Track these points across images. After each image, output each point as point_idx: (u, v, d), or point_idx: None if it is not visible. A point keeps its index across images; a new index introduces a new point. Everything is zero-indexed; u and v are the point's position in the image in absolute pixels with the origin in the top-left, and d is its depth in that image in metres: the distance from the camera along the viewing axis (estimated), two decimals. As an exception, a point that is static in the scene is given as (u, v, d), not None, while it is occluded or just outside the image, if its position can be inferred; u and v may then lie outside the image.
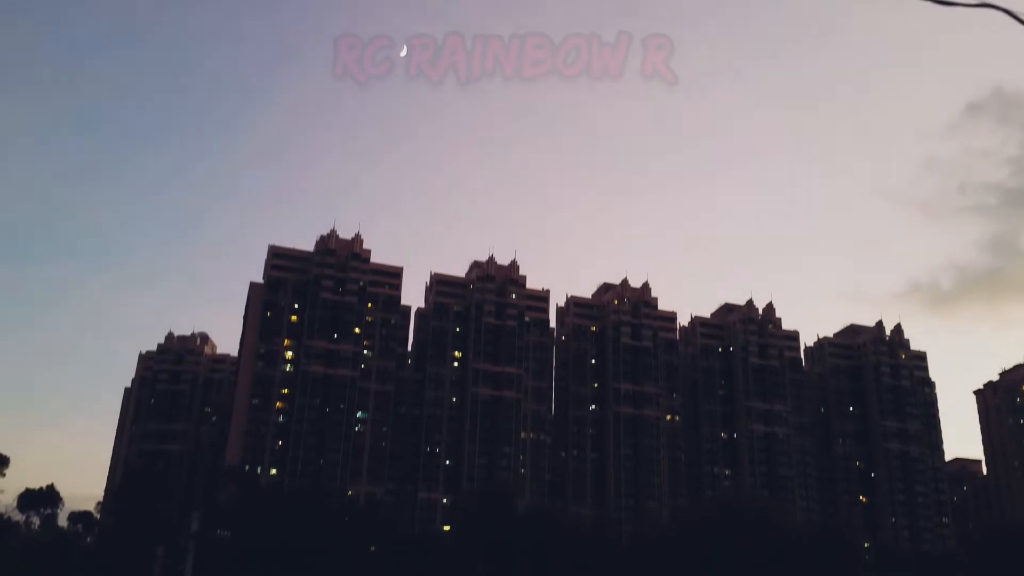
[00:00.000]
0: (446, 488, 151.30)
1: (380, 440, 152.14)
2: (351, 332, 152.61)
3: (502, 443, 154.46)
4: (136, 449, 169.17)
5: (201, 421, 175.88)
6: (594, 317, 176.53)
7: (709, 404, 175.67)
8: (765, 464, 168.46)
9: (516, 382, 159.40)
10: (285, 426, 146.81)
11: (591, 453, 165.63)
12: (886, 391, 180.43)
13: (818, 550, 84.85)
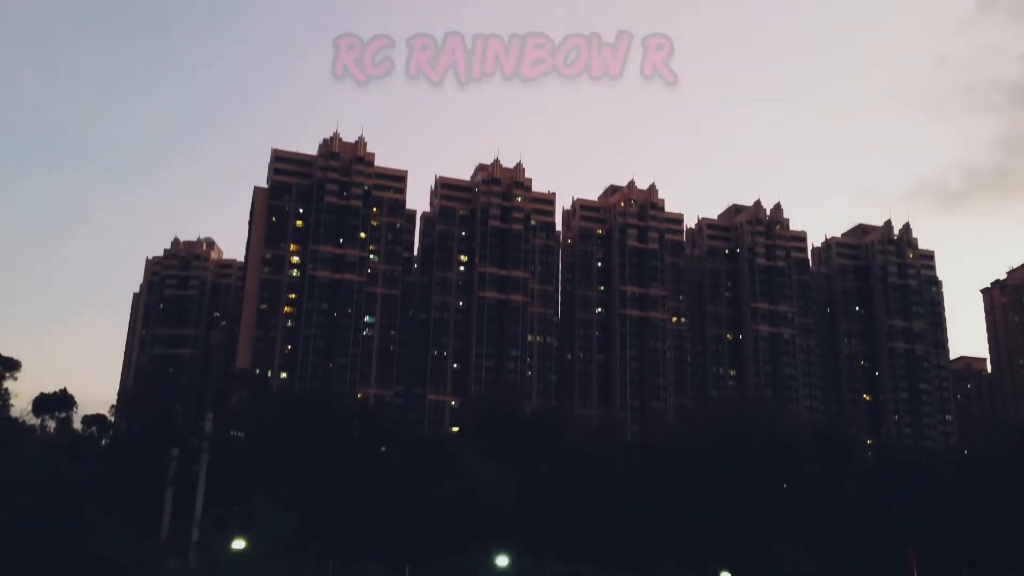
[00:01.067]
0: (454, 391, 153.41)
1: (388, 344, 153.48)
2: (357, 237, 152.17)
3: (509, 346, 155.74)
4: (147, 354, 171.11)
5: (210, 326, 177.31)
6: (600, 220, 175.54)
7: (715, 306, 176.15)
8: (770, 364, 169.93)
9: (522, 286, 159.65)
10: (293, 331, 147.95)
11: (597, 355, 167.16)
12: (893, 290, 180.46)
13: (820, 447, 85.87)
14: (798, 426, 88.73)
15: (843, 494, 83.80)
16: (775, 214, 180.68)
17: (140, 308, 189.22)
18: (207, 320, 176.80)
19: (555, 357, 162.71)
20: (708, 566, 43.40)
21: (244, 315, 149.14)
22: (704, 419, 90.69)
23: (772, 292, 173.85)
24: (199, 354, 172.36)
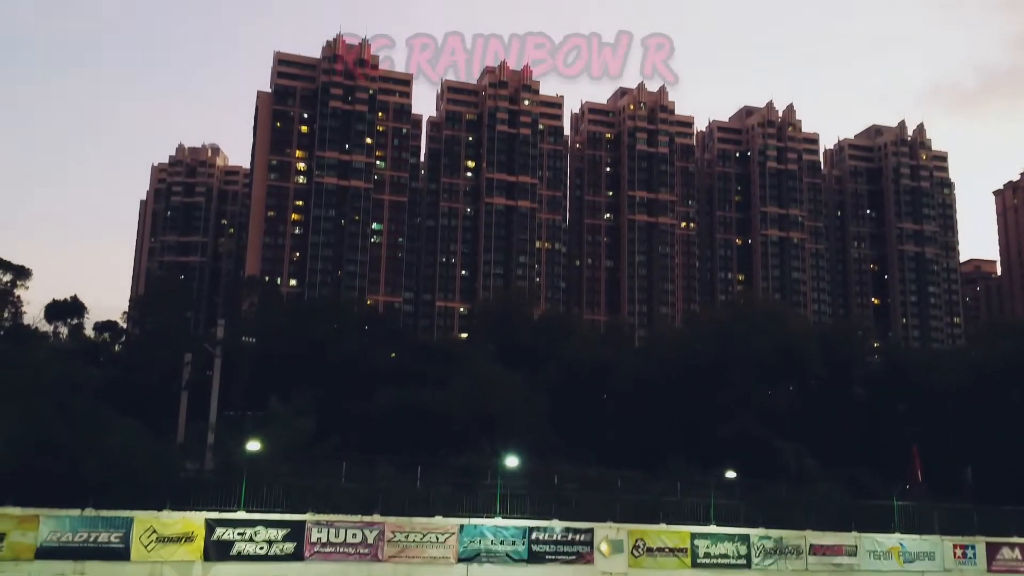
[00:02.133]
0: (463, 297, 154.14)
1: (396, 251, 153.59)
2: (362, 143, 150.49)
3: (517, 253, 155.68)
4: (156, 261, 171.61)
5: (218, 233, 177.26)
6: (609, 124, 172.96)
7: (724, 211, 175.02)
8: (779, 269, 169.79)
9: (530, 192, 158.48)
10: (302, 238, 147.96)
11: (605, 261, 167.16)
12: (905, 193, 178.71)
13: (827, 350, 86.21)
14: (806, 330, 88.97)
15: (849, 396, 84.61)
16: (787, 116, 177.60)
17: (147, 216, 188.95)
18: (215, 227, 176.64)
19: (563, 263, 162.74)
20: (714, 465, 43.99)
21: (252, 222, 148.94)
22: (712, 324, 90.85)
23: (782, 196, 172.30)
24: (208, 261, 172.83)
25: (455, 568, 28.67)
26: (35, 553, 24.37)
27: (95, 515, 25.21)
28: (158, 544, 25.56)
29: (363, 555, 27.83)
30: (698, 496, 36.80)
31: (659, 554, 31.82)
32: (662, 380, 79.56)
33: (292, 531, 27.21)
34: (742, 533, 33.50)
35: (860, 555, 34.64)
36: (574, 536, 30.78)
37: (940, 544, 36.46)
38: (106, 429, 28.40)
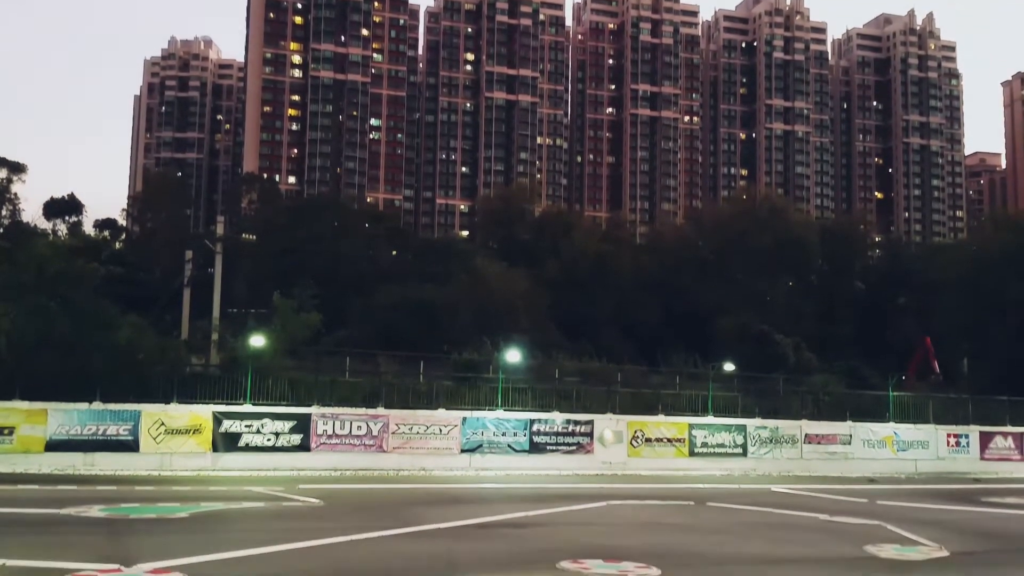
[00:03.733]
0: (463, 194, 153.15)
1: (395, 148, 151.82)
2: (359, 34, 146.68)
3: (518, 149, 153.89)
4: (153, 158, 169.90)
5: (214, 129, 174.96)
6: (612, 13, 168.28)
7: (728, 104, 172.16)
8: (782, 164, 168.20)
9: (531, 85, 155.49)
10: (299, 134, 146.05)
11: (607, 157, 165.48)
12: (912, 84, 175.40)
13: (829, 244, 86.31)
14: (808, 224, 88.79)
15: (849, 289, 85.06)
16: (795, 3, 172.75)
17: (141, 111, 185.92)
18: (211, 123, 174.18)
19: (564, 159, 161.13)
20: (713, 358, 44.51)
21: (248, 118, 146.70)
22: (713, 219, 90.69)
23: (788, 88, 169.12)
24: (205, 158, 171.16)
25: (458, 459, 29.23)
26: (45, 446, 24.80)
27: (103, 408, 25.55)
28: (167, 436, 26.01)
29: (368, 446, 28.36)
30: (696, 389, 37.33)
31: (657, 444, 32.43)
32: (663, 276, 79.93)
33: (298, 423, 27.65)
34: (739, 424, 34.06)
35: (854, 444, 35.31)
36: (575, 428, 31.30)
37: (934, 433, 37.13)
38: (111, 325, 28.49)
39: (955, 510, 20.90)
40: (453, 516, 16.12)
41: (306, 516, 16.48)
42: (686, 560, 12.06)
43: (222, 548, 11.54)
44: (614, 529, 15.81)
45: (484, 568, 11.12)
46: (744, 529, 16.13)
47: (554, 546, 12.70)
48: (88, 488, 20.16)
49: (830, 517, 17.86)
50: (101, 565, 10.15)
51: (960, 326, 63.75)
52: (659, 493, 22.74)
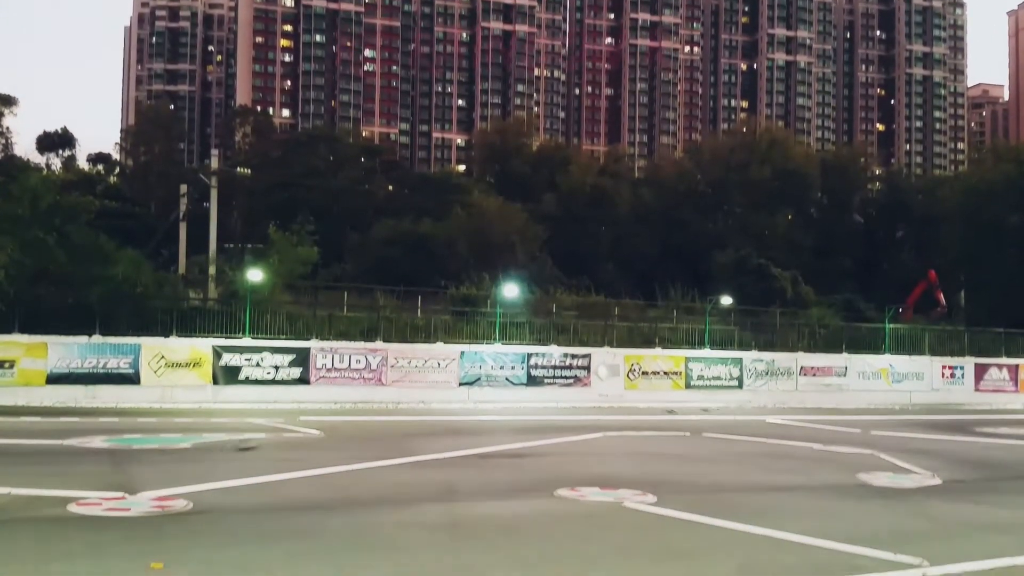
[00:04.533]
0: (460, 128, 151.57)
1: (390, 80, 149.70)
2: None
3: (515, 81, 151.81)
4: (144, 91, 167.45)
5: (206, 61, 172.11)
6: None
7: (730, 34, 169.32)
8: (783, 95, 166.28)
9: (528, 14, 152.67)
10: (292, 66, 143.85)
11: (606, 89, 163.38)
12: (916, 12, 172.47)
13: (829, 177, 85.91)
14: (808, 157, 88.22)
15: (848, 222, 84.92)
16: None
17: (132, 43, 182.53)
18: (203, 54, 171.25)
19: (562, 92, 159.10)
20: (711, 292, 44.60)
21: (240, 49, 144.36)
22: (713, 152, 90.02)
23: (791, 17, 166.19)
24: (198, 91, 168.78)
25: (456, 392, 29.48)
26: (46, 379, 24.94)
27: (103, 342, 25.65)
28: (167, 369, 26.16)
29: (367, 380, 28.57)
30: (693, 322, 37.51)
31: (654, 377, 32.70)
32: (661, 209, 79.69)
33: (297, 357, 27.80)
34: (735, 356, 34.31)
35: (849, 376, 35.63)
36: (572, 361, 31.51)
37: (929, 365, 37.44)
38: (108, 259, 28.43)
39: (948, 440, 21.19)
40: (452, 447, 16.32)
41: (307, 447, 16.68)
42: (681, 488, 12.24)
43: (224, 477, 11.69)
44: (610, 459, 16.03)
45: (483, 496, 11.28)
46: (739, 458, 16.36)
47: (551, 475, 12.87)
48: (90, 420, 20.35)
49: (824, 447, 18.10)
50: (105, 493, 10.29)
51: (958, 258, 63.82)
52: (655, 424, 23.00)
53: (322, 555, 7.75)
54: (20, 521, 8.93)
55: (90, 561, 7.22)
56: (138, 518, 9.11)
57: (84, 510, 9.33)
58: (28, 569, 6.95)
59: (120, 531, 8.49)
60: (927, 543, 8.69)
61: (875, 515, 10.57)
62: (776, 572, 7.30)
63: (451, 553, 7.98)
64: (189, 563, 7.23)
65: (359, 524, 9.24)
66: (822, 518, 10.21)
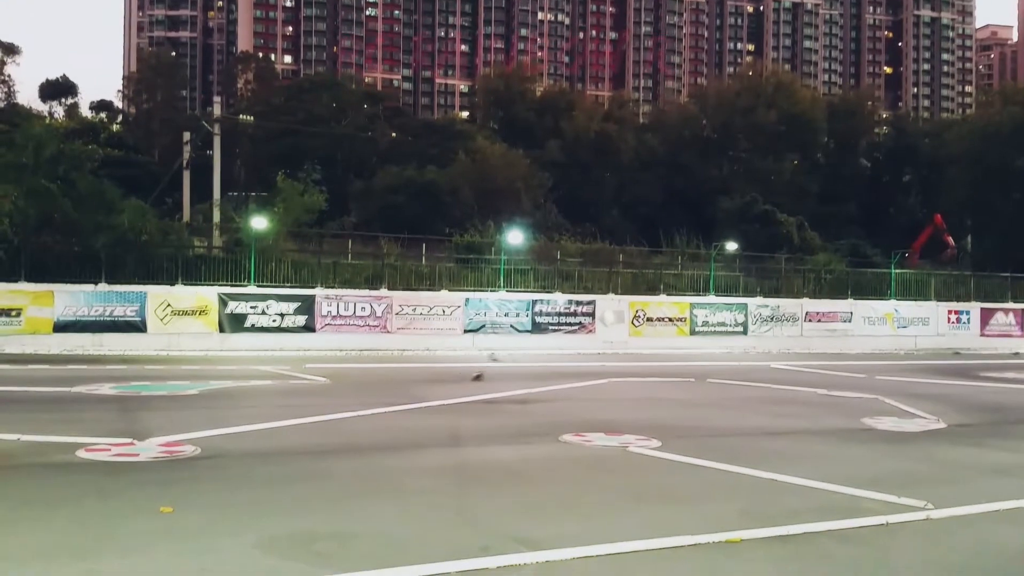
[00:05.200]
0: (463, 74, 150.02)
1: (392, 25, 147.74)
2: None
3: (518, 25, 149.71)
4: (146, 37, 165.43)
5: (207, 6, 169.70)
6: None
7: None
8: (790, 38, 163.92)
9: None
10: (294, 11, 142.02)
11: (610, 33, 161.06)
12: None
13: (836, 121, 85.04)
14: (815, 101, 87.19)
15: (855, 167, 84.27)
16: None
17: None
18: (204, 0, 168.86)
19: (566, 36, 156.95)
20: (717, 238, 44.46)
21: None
22: (718, 96, 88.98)
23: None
24: (199, 37, 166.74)
25: (461, 339, 29.60)
26: (53, 327, 25.08)
27: (109, 290, 25.71)
28: (174, 317, 26.27)
29: (372, 327, 28.68)
30: (698, 269, 37.47)
31: (659, 323, 32.77)
32: (666, 155, 79.08)
33: (303, 305, 27.88)
34: (740, 302, 34.33)
35: (855, 321, 35.66)
36: (576, 308, 31.56)
37: (935, 309, 37.44)
38: (113, 207, 28.38)
39: (953, 384, 21.25)
40: (457, 393, 16.41)
41: (313, 393, 16.78)
42: (685, 432, 12.30)
43: (233, 423, 11.77)
44: (615, 404, 16.11)
45: (489, 441, 11.36)
46: (743, 404, 16.43)
47: (556, 421, 12.94)
48: (98, 367, 20.48)
49: (828, 392, 18.16)
50: (114, 439, 10.37)
51: (965, 202, 63.50)
52: (660, 371, 23.08)
53: (330, 498, 7.82)
54: (29, 466, 9.02)
55: (100, 505, 7.29)
56: (147, 463, 9.19)
57: (93, 456, 9.41)
58: (38, 513, 7.02)
59: (129, 476, 8.57)
60: (931, 486, 8.74)
61: (879, 459, 10.62)
62: (780, 515, 7.35)
63: (457, 496, 8.04)
64: (198, 507, 7.30)
65: (366, 468, 9.32)
66: (826, 462, 10.26)
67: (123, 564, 5.74)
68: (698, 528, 6.77)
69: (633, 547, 6.31)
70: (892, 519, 7.33)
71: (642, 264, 40.32)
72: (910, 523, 7.33)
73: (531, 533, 6.62)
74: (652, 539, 6.50)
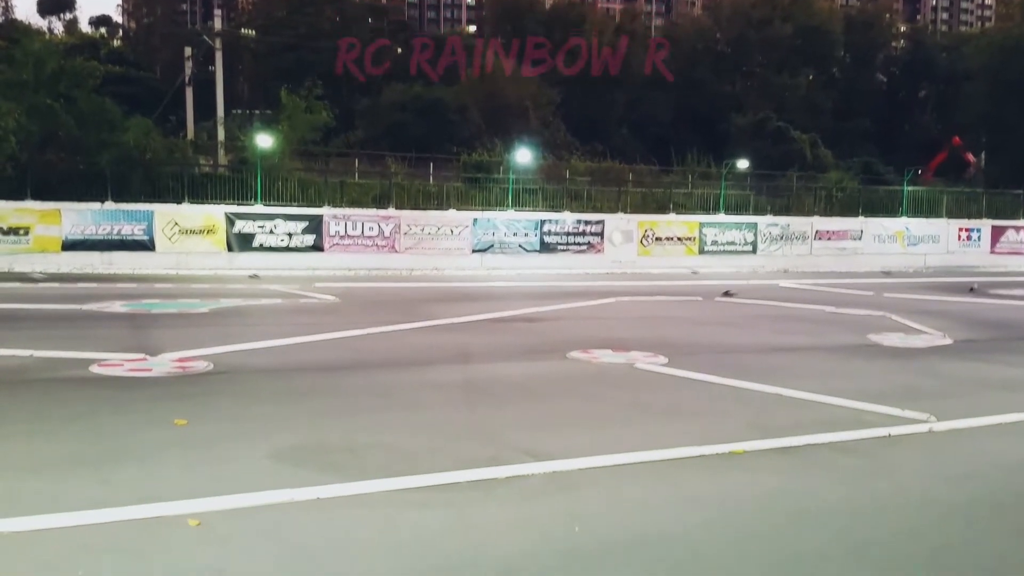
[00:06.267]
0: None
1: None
2: None
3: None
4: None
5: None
6: None
7: None
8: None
9: None
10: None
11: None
12: None
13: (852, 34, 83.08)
14: (832, 12, 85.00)
15: (870, 83, 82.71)
16: None
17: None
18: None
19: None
20: (728, 156, 43.96)
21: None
22: (732, 8, 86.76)
23: None
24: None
25: (470, 258, 29.61)
26: (61, 246, 25.17)
27: (116, 208, 25.70)
28: (181, 236, 26.30)
29: (380, 247, 28.69)
30: (709, 188, 37.18)
31: (667, 243, 32.69)
32: (678, 71, 77.56)
33: (310, 224, 27.85)
34: (750, 221, 34.14)
35: (865, 239, 35.49)
36: (585, 227, 31.45)
37: (945, 227, 37.20)
38: (116, 125, 28.16)
39: (961, 301, 21.25)
40: (466, 312, 16.50)
41: (323, 312, 16.89)
42: (692, 349, 12.39)
43: (244, 340, 11.90)
44: (622, 322, 16.19)
45: (497, 358, 11.46)
46: (750, 321, 16.49)
47: (564, 338, 13.03)
48: (107, 286, 20.61)
49: (836, 309, 18.19)
50: (126, 355, 10.50)
51: (980, 118, 62.48)
52: (668, 289, 23.12)
53: (341, 413, 7.94)
54: (43, 381, 9.15)
55: (114, 418, 7.42)
56: (160, 378, 9.32)
57: (106, 371, 9.54)
58: (53, 426, 7.15)
59: (142, 390, 8.70)
60: (935, 400, 8.82)
61: (884, 374, 10.70)
62: (784, 427, 7.44)
63: (466, 411, 8.15)
64: (212, 420, 7.42)
65: (376, 384, 9.43)
66: (832, 377, 10.34)
67: (138, 473, 5.87)
68: (703, 440, 6.86)
69: (639, 458, 6.41)
70: (895, 431, 7.42)
71: (652, 183, 40.02)
72: (913, 435, 7.42)
73: (539, 445, 6.73)
74: (658, 450, 6.60)
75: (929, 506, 5.65)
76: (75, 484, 5.63)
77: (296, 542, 4.66)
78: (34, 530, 4.73)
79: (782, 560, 4.59)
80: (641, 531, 4.98)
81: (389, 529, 4.91)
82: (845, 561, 4.59)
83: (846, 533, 5.02)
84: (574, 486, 5.81)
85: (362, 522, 5.03)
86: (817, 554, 4.69)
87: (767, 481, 6.04)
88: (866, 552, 4.73)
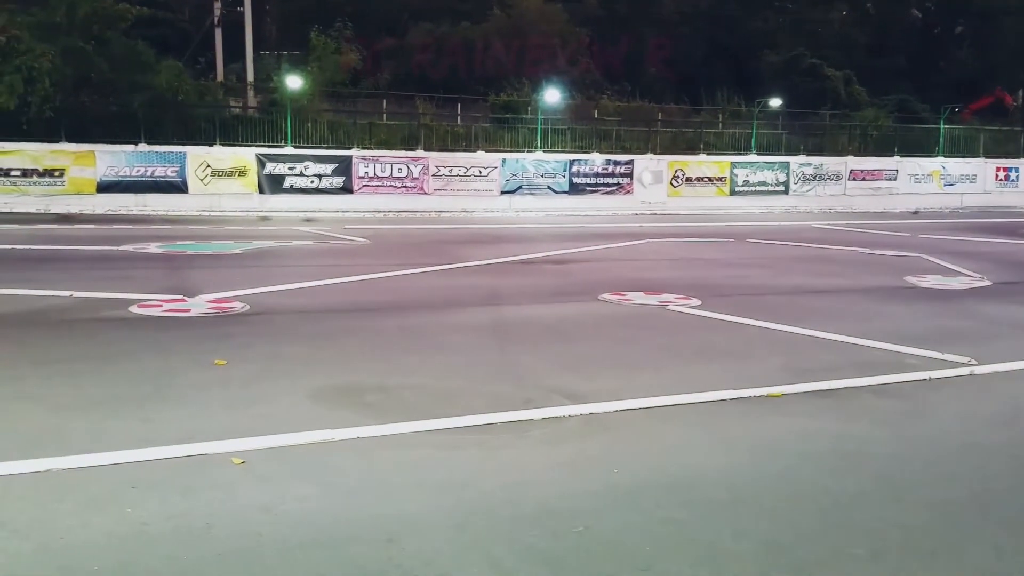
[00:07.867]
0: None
1: None
2: None
3: None
4: None
5: None
6: None
7: None
8: None
9: None
10: None
11: None
12: None
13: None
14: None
15: (906, 17, 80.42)
16: None
17: None
18: None
19: None
20: (760, 95, 43.11)
21: None
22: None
23: None
24: None
25: (498, 200, 29.53)
26: (96, 187, 25.41)
27: (149, 150, 25.85)
28: (213, 178, 26.43)
29: (409, 189, 28.66)
30: (740, 127, 36.60)
31: (698, 183, 32.35)
32: (709, 8, 75.82)
33: (340, 166, 27.84)
34: (782, 161, 33.66)
35: (900, 179, 34.89)
36: (614, 168, 31.17)
37: (982, 166, 36.45)
38: (148, 67, 28.13)
39: (999, 243, 20.90)
40: (495, 253, 16.49)
41: (354, 253, 16.96)
42: (724, 291, 12.31)
43: (278, 281, 11.99)
44: (653, 264, 16.11)
45: (528, 300, 11.47)
46: (782, 263, 16.34)
47: (595, 280, 13.00)
48: (142, 227, 20.81)
49: (871, 251, 17.97)
50: (164, 296, 10.63)
51: (1018, 54, 60.76)
52: (698, 231, 22.94)
53: (374, 352, 8.01)
54: (84, 321, 9.30)
55: (155, 358, 7.53)
56: (197, 318, 9.44)
57: (145, 311, 9.67)
58: (95, 367, 7.28)
59: (182, 330, 8.81)
60: (975, 343, 8.72)
61: (922, 316, 10.58)
62: (820, 370, 7.40)
63: (497, 352, 8.18)
64: (250, 360, 7.51)
65: (408, 325, 9.48)
66: (868, 319, 10.23)
67: (181, 412, 5.97)
68: (738, 383, 6.84)
69: (675, 400, 6.42)
70: (935, 374, 7.36)
71: (682, 123, 39.44)
72: (953, 378, 7.35)
73: (573, 387, 6.75)
74: (693, 393, 6.60)
75: (970, 449, 5.62)
76: (119, 423, 5.73)
77: (337, 481, 4.73)
78: (81, 467, 4.84)
79: (822, 503, 4.60)
80: (679, 473, 5.00)
81: (426, 468, 4.97)
82: (885, 504, 4.59)
83: (886, 476, 5.01)
84: (610, 428, 5.83)
85: (399, 462, 5.08)
86: (857, 497, 4.68)
87: (805, 424, 6.03)
88: (906, 495, 4.72)
